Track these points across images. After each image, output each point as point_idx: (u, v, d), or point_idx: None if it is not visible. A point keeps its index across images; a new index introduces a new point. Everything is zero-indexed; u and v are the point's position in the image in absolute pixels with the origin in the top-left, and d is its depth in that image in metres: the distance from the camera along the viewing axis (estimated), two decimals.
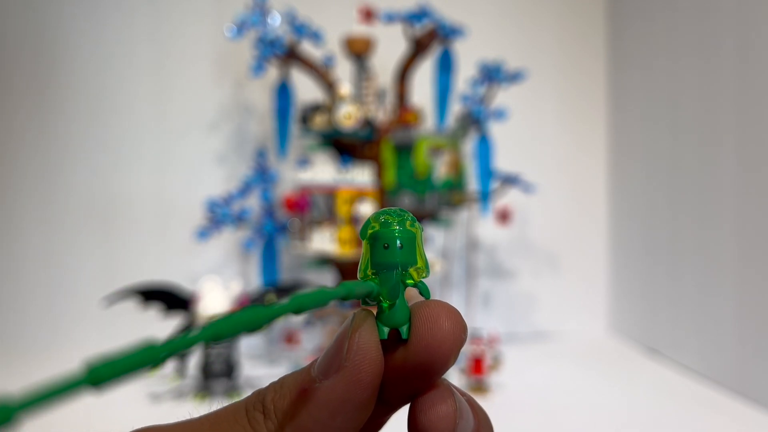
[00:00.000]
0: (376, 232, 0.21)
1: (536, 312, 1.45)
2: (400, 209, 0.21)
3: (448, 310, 0.19)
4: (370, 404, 0.19)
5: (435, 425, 0.19)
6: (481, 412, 0.21)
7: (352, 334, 0.19)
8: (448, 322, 0.19)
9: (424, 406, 0.19)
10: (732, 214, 1.02)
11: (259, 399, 0.19)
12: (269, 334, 1.26)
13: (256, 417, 0.19)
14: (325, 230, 1.07)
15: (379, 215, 0.21)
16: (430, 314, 0.19)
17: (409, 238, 0.21)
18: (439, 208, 1.13)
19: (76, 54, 1.29)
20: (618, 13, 1.44)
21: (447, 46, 1.13)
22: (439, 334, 0.19)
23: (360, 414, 0.19)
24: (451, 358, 0.19)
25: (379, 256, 0.20)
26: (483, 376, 0.99)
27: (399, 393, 0.20)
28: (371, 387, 0.19)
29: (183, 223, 1.28)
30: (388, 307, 0.20)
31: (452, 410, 0.19)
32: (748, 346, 0.97)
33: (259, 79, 1.25)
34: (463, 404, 0.20)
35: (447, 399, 0.19)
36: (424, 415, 0.19)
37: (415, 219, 0.21)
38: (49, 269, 1.28)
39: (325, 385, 0.18)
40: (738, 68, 1.00)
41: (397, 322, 0.20)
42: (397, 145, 1.10)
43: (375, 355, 0.19)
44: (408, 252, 0.20)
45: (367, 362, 0.19)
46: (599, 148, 1.49)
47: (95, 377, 0.13)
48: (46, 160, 1.28)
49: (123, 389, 0.99)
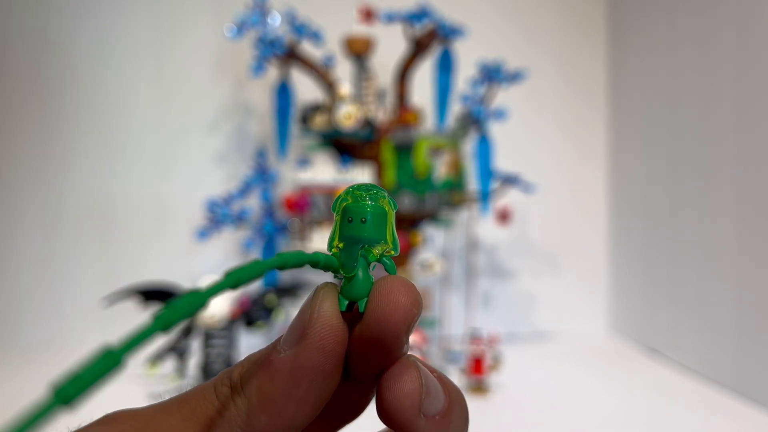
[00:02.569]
0: (347, 205, 0.21)
1: (536, 312, 1.45)
2: (375, 185, 0.21)
3: (403, 284, 0.19)
4: (333, 373, 0.19)
5: (399, 402, 0.18)
6: (453, 391, 0.20)
7: (314, 305, 0.19)
8: (401, 295, 0.19)
9: (387, 382, 0.19)
10: (732, 214, 1.02)
11: (227, 375, 0.19)
12: (269, 333, 1.26)
13: (224, 391, 0.19)
14: (325, 230, 1.07)
15: (352, 189, 0.21)
16: (384, 287, 0.19)
17: (379, 214, 0.21)
18: (439, 208, 1.13)
19: (76, 54, 1.29)
20: (618, 13, 1.44)
21: (447, 46, 1.13)
22: (389, 306, 0.19)
23: (324, 383, 0.19)
24: (403, 331, 0.19)
25: (347, 230, 0.20)
26: (483, 376, 0.99)
27: (364, 369, 0.20)
28: (333, 354, 0.19)
29: (183, 223, 1.28)
30: (347, 280, 0.20)
31: (416, 385, 0.19)
32: (748, 346, 0.97)
33: (259, 79, 1.25)
34: (430, 380, 0.19)
35: (410, 374, 0.19)
36: (387, 392, 0.19)
37: (389, 197, 0.21)
38: (50, 269, 1.28)
39: (288, 354, 0.18)
40: (738, 69, 1.00)
41: (355, 294, 0.20)
42: (397, 145, 1.10)
43: (335, 323, 0.19)
44: (376, 228, 0.20)
45: (327, 329, 0.19)
46: (599, 148, 1.49)
47: (64, 397, 0.13)
48: (46, 160, 1.28)
49: (123, 389, 1.00)
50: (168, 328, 0.15)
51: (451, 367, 1.10)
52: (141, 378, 1.03)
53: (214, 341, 0.97)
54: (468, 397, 0.97)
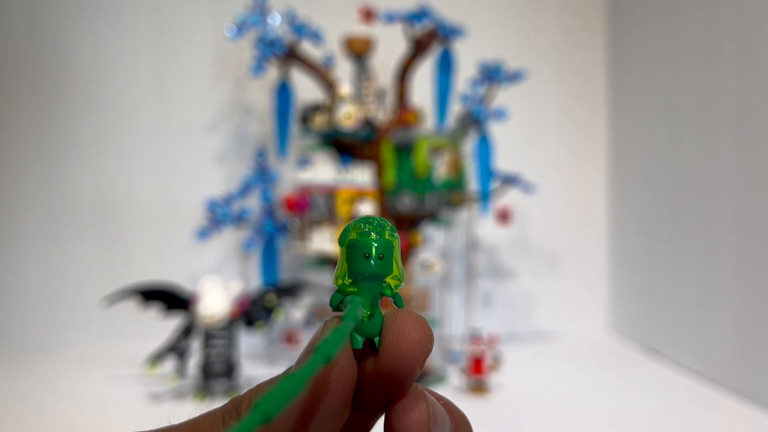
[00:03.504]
0: (354, 240, 0.21)
1: (536, 312, 1.45)
2: (381, 218, 0.21)
3: (416, 320, 0.19)
4: (342, 412, 0.19)
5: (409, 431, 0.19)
6: (459, 416, 0.21)
7: None
8: (414, 332, 0.19)
9: (397, 413, 0.19)
10: (731, 215, 1.02)
11: (235, 406, 0.19)
12: (269, 334, 1.26)
13: (231, 424, 0.19)
14: (325, 230, 1.07)
15: (358, 223, 0.21)
16: (397, 324, 0.19)
17: (387, 247, 0.21)
18: (439, 208, 1.13)
19: (77, 54, 1.29)
20: (618, 13, 1.44)
21: (447, 46, 1.13)
22: (405, 344, 0.19)
23: (333, 422, 0.19)
24: (417, 367, 0.19)
25: (358, 266, 0.20)
26: (483, 376, 0.99)
27: (373, 401, 0.20)
28: (342, 396, 0.19)
29: (183, 223, 1.28)
30: (368, 317, 0.20)
31: (425, 416, 0.19)
32: (748, 346, 0.97)
33: (259, 79, 1.25)
34: (437, 409, 0.20)
35: (420, 405, 0.19)
36: (397, 423, 0.19)
37: (393, 229, 0.21)
38: (50, 269, 1.28)
39: None
40: (738, 72, 1.00)
41: (373, 332, 0.20)
42: (397, 145, 1.10)
43: (345, 365, 0.19)
44: (386, 262, 0.21)
45: (337, 372, 0.19)
46: (599, 148, 1.49)
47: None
48: (46, 160, 1.28)
49: (122, 389, 1.00)
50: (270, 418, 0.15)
51: (451, 367, 1.10)
52: (141, 378, 1.03)
53: (214, 341, 0.97)
54: (468, 397, 0.97)
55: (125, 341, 1.23)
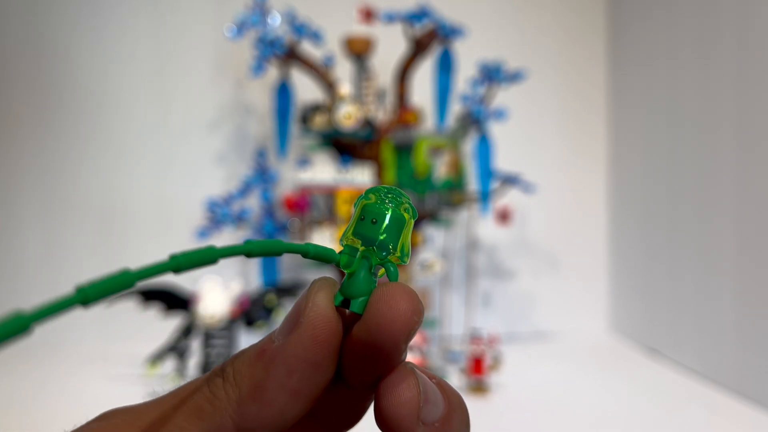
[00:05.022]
0: (369, 203, 0.21)
1: (536, 312, 1.45)
2: (400, 191, 0.21)
3: (406, 291, 0.19)
4: (326, 365, 0.19)
5: (397, 410, 0.18)
6: (453, 397, 0.20)
7: (309, 296, 0.20)
8: (402, 303, 0.19)
9: (385, 390, 0.19)
10: (732, 214, 1.02)
11: (220, 367, 0.20)
12: (268, 333, 1.26)
13: (216, 382, 0.19)
14: (325, 230, 1.07)
15: (379, 190, 0.21)
16: (386, 293, 0.19)
17: (396, 219, 0.21)
18: (439, 208, 1.13)
19: (77, 54, 1.29)
20: (618, 13, 1.44)
21: (447, 46, 1.13)
22: (391, 314, 0.18)
23: (316, 374, 0.19)
24: (402, 338, 0.19)
25: (362, 228, 0.21)
26: (483, 376, 0.99)
27: (360, 375, 0.20)
28: (326, 345, 0.19)
29: (183, 223, 1.28)
30: (347, 276, 0.20)
31: (414, 393, 0.19)
32: (748, 346, 0.97)
33: (259, 79, 1.25)
34: (429, 388, 0.19)
35: (408, 381, 0.19)
36: (385, 400, 0.19)
37: (411, 206, 0.21)
38: (50, 269, 1.28)
39: (281, 343, 0.19)
40: (738, 69, 1.00)
41: (351, 292, 0.20)
42: (397, 145, 1.10)
43: (329, 314, 0.19)
44: (390, 232, 0.20)
45: (320, 319, 0.19)
46: (599, 148, 1.49)
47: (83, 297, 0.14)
48: (46, 160, 1.28)
49: (123, 389, 1.00)
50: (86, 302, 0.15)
51: (451, 367, 1.10)
52: (141, 378, 1.03)
53: (214, 341, 0.97)
54: (468, 397, 0.97)
55: (125, 341, 1.23)
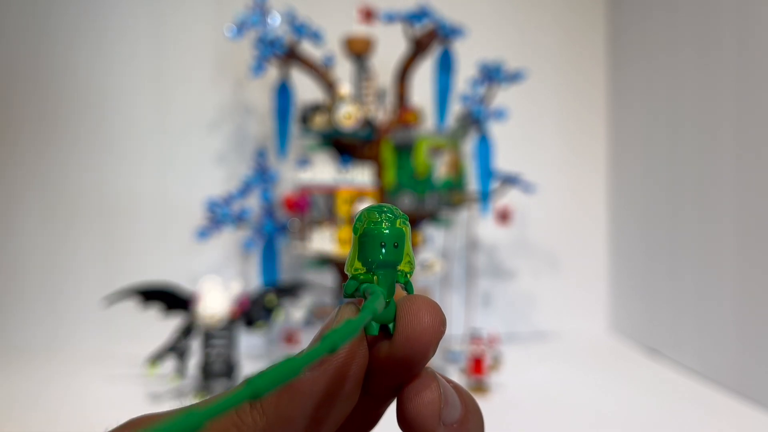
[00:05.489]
0: (369, 229, 0.21)
1: (536, 312, 1.45)
2: (393, 207, 0.22)
3: (429, 304, 0.20)
4: (353, 396, 0.20)
5: (420, 411, 0.19)
6: (469, 400, 0.21)
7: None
8: (428, 316, 0.20)
9: (409, 394, 0.20)
10: (732, 214, 1.02)
11: None
12: (269, 334, 1.26)
13: (243, 407, 0.19)
14: (325, 230, 1.07)
15: (372, 212, 0.21)
16: (412, 309, 0.20)
17: (399, 236, 0.21)
18: (439, 208, 1.13)
19: (76, 54, 1.29)
20: (618, 13, 1.44)
21: (447, 46, 1.13)
22: (419, 327, 0.19)
23: (343, 405, 0.19)
24: (431, 349, 0.20)
25: (372, 254, 0.21)
26: (483, 376, 0.99)
27: (384, 385, 0.21)
28: (354, 379, 0.19)
29: (183, 223, 1.28)
30: (385, 306, 0.20)
31: (436, 396, 0.20)
32: (748, 346, 0.97)
33: (259, 79, 1.25)
34: (448, 391, 0.20)
35: (431, 386, 0.20)
36: (409, 403, 0.20)
37: (405, 217, 0.22)
38: (50, 269, 1.28)
39: (308, 377, 0.19)
40: (738, 70, 1.00)
41: (388, 318, 0.20)
42: (397, 145, 1.10)
43: (358, 349, 0.19)
44: (399, 250, 0.21)
45: (350, 355, 0.19)
46: (599, 148, 1.49)
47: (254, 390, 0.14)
48: (46, 160, 1.28)
49: (123, 389, 1.00)
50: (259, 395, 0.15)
51: (451, 367, 1.10)
52: (141, 378, 1.03)
53: (214, 341, 0.97)
54: None
55: (125, 341, 1.23)
